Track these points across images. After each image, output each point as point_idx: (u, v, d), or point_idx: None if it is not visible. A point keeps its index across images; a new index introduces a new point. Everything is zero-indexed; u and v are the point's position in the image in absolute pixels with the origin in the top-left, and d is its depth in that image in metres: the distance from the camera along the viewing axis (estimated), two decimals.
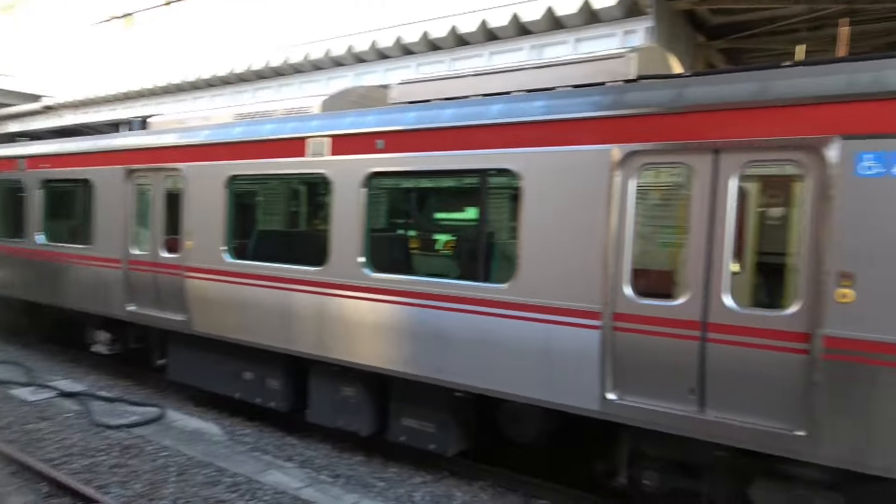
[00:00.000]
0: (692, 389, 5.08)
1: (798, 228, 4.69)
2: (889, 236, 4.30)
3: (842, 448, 4.51)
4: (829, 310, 4.46)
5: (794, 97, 4.64)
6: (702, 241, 5.03)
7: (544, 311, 5.69)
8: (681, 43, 12.02)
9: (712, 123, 4.95)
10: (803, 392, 4.60)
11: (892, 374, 4.32)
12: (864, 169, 4.36)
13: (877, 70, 4.45)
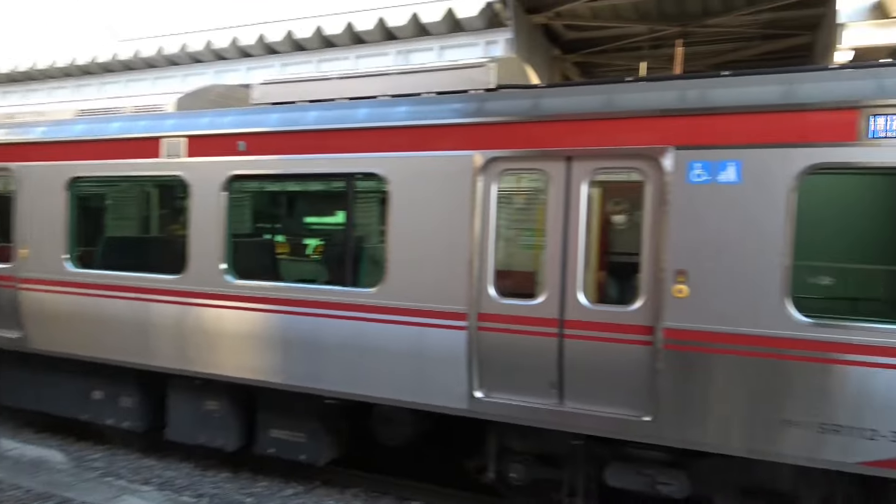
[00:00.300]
0: (552, 383, 5.36)
1: (641, 230, 5.10)
2: (715, 237, 4.80)
3: (682, 429, 4.96)
4: (668, 304, 4.90)
5: (636, 110, 5.05)
6: (558, 242, 5.33)
7: (413, 314, 5.76)
8: (538, 55, 12.67)
9: (565, 132, 5.27)
10: (648, 380, 5.01)
11: (722, 360, 4.82)
12: (694, 176, 4.84)
13: (703, 88, 4.96)
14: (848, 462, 4.55)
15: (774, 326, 4.63)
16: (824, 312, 4.69)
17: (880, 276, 5.94)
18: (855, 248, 5.90)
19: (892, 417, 4.40)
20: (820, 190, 5.12)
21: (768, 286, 4.65)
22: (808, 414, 4.59)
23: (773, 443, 4.71)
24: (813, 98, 4.57)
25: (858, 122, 4.42)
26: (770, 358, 4.67)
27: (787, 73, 4.88)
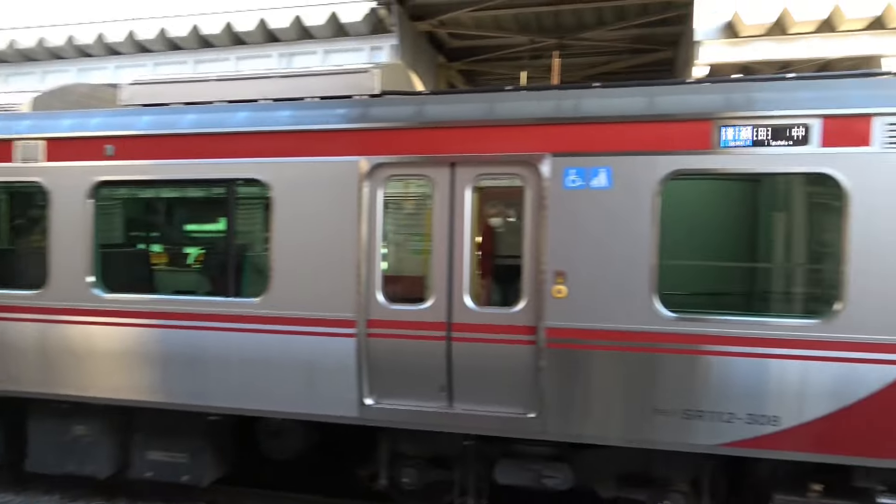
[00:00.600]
0: (442, 386, 5.43)
1: (522, 234, 5.30)
2: (589, 239, 5.07)
3: (565, 423, 5.20)
4: (549, 305, 5.12)
5: (516, 118, 5.24)
6: (444, 247, 5.42)
7: (300, 324, 5.64)
8: (423, 62, 12.83)
9: (449, 139, 5.37)
10: (532, 378, 5.20)
11: (598, 356, 5.10)
12: (569, 182, 5.10)
13: (577, 98, 5.24)
14: (710, 444, 4.94)
15: (644, 322, 4.96)
16: (687, 307, 5.08)
17: (734, 272, 6.53)
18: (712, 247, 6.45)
19: (746, 401, 4.84)
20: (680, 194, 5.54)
21: (638, 284, 4.97)
22: (675, 402, 4.96)
23: (646, 431, 5.03)
24: (673, 110, 4.95)
25: (712, 133, 4.84)
26: (641, 351, 5.00)
27: (650, 86, 5.26)
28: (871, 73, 5.13)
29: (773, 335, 4.80)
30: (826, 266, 5.14)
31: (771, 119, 4.74)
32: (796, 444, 4.78)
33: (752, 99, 4.84)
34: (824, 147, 4.65)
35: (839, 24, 9.63)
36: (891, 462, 4.71)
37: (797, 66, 10.29)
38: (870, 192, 4.57)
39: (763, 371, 4.80)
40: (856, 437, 4.68)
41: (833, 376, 4.68)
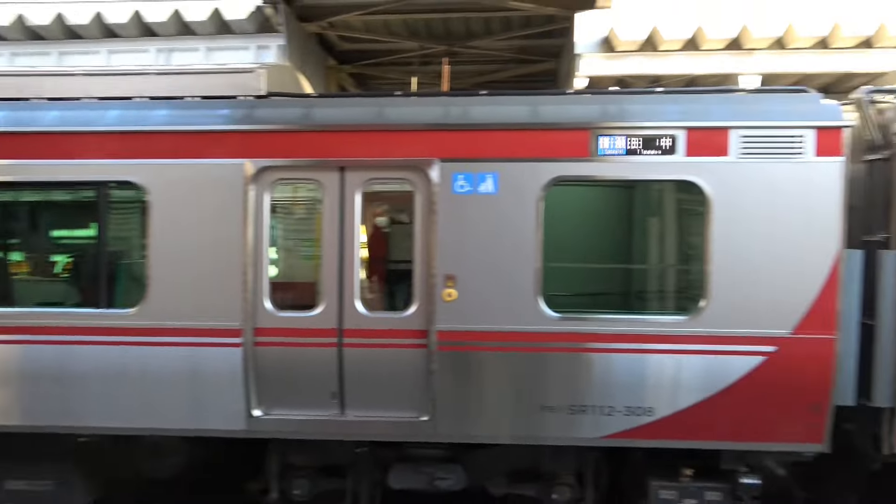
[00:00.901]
0: (334, 394, 5.36)
1: (413, 238, 5.33)
2: (478, 243, 5.19)
3: (456, 425, 5.27)
4: (439, 308, 5.19)
5: (405, 123, 5.28)
6: (334, 252, 5.35)
7: (180, 334, 5.35)
8: (313, 64, 12.59)
9: (338, 143, 5.31)
10: (424, 382, 5.24)
11: (488, 357, 5.22)
12: (458, 187, 5.19)
13: (465, 105, 5.36)
14: (593, 437, 5.20)
15: (530, 322, 5.15)
16: (570, 308, 5.33)
17: (613, 273, 6.93)
18: (592, 250, 6.80)
19: (625, 395, 5.13)
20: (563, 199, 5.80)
21: (524, 286, 5.15)
22: (561, 398, 5.17)
23: (535, 428, 5.22)
24: (555, 119, 5.18)
25: (590, 141, 5.11)
26: (528, 351, 5.18)
27: (534, 96, 5.48)
28: (729, 90, 5.63)
29: (647, 332, 5.13)
30: (693, 266, 5.55)
31: (642, 130, 5.07)
32: (669, 432, 5.14)
33: (626, 111, 5.16)
34: (689, 156, 5.04)
35: (702, 44, 10.46)
36: (751, 445, 5.17)
37: (667, 81, 11.05)
38: (727, 198, 5.00)
39: (639, 366, 5.12)
40: (721, 423, 5.10)
41: (700, 368, 5.07)
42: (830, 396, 4.99)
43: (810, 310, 4.94)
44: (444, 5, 11.37)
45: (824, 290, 4.93)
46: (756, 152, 4.99)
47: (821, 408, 5.00)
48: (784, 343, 4.97)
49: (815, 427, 5.03)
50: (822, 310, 4.93)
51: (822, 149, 4.93)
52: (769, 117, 5.02)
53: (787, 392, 4.99)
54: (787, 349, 4.97)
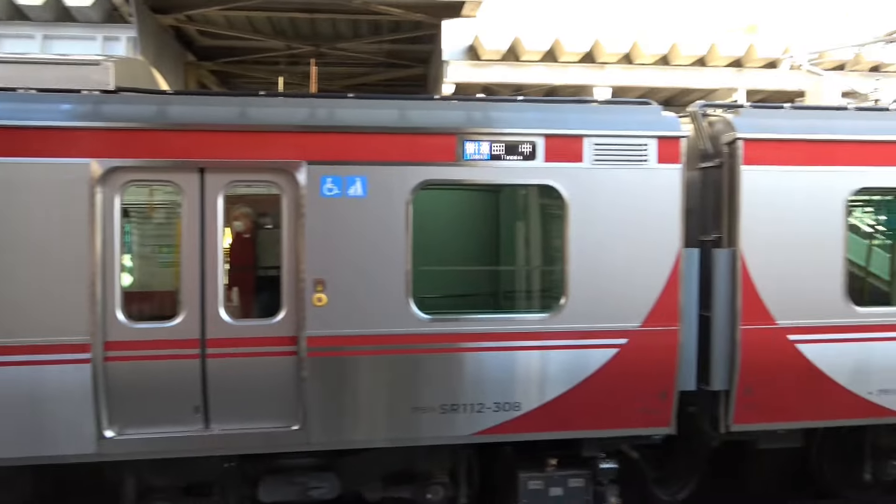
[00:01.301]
0: (197, 408, 5.08)
1: (281, 243, 5.18)
2: (347, 247, 5.15)
3: (329, 432, 5.19)
4: (309, 313, 5.08)
5: (270, 124, 5.11)
6: (195, 258, 5.07)
7: (14, 352, 4.82)
8: (169, 59, 11.87)
9: (197, 143, 5.04)
10: (295, 390, 5.11)
11: (360, 361, 5.19)
12: (326, 190, 5.12)
13: (332, 107, 5.29)
14: (465, 434, 5.33)
15: (401, 325, 5.18)
16: (440, 309, 5.43)
17: (481, 274, 7.16)
18: (462, 252, 6.99)
19: (494, 391, 5.31)
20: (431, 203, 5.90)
21: (394, 289, 5.18)
22: (433, 398, 5.26)
23: (409, 429, 5.25)
24: (422, 123, 5.26)
25: (456, 146, 5.25)
26: (400, 353, 5.21)
27: (402, 100, 5.52)
28: (584, 101, 5.99)
29: (513, 330, 5.35)
30: (554, 267, 5.86)
31: (505, 136, 5.29)
32: (536, 425, 5.39)
33: (490, 117, 5.35)
34: (547, 162, 5.32)
35: (559, 56, 11.11)
36: (609, 432, 5.54)
37: (529, 90, 11.63)
38: (583, 202, 5.34)
39: (506, 363, 5.32)
40: (582, 413, 5.43)
41: (562, 362, 5.37)
42: (675, 383, 5.47)
43: (656, 304, 5.39)
44: (310, 5, 11.16)
45: (668, 285, 5.40)
46: (607, 159, 5.37)
47: (667, 394, 5.47)
48: (634, 335, 5.39)
49: (663, 412, 5.50)
50: (666, 304, 5.40)
51: (663, 156, 5.41)
52: (618, 127, 5.42)
53: (637, 381, 5.42)
54: (636, 341, 5.39)
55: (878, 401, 5.72)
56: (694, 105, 6.07)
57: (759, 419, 5.67)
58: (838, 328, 5.61)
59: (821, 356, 5.60)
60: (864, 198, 6.76)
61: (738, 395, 5.54)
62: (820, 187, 5.60)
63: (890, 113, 6.06)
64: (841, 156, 5.62)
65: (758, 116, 5.75)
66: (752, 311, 5.50)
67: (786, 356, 5.57)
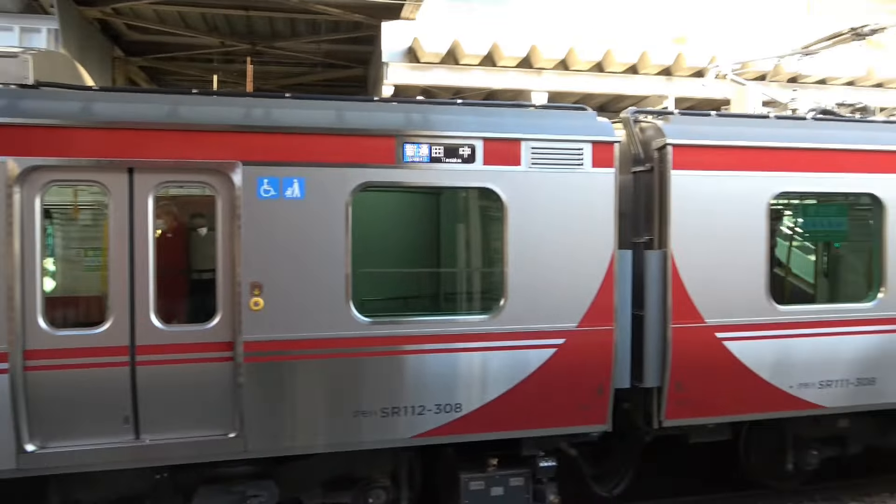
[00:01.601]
0: (126, 418, 4.88)
1: (215, 246, 5.04)
2: (285, 249, 5.06)
3: (267, 439, 5.08)
4: (246, 318, 4.96)
5: (203, 124, 4.96)
6: (124, 261, 4.87)
7: None
8: (95, 53, 11.35)
9: (125, 142, 4.84)
10: (231, 396, 4.98)
11: (299, 366, 5.10)
12: (263, 192, 5.01)
13: (269, 107, 5.18)
14: (406, 437, 5.32)
15: (341, 328, 5.13)
16: (381, 312, 5.40)
17: (422, 276, 7.16)
18: (403, 255, 6.97)
19: (435, 393, 5.32)
20: (371, 205, 5.86)
21: (334, 292, 5.12)
22: (374, 402, 5.22)
23: (350, 434, 5.20)
24: (362, 125, 5.22)
25: (396, 148, 5.24)
26: (340, 357, 5.16)
27: (342, 101, 5.46)
28: (521, 105, 6.09)
29: (454, 331, 5.38)
30: (494, 268, 5.92)
31: (444, 139, 5.32)
32: (477, 426, 5.43)
33: (430, 120, 5.37)
34: (486, 165, 5.38)
35: (498, 60, 11.23)
36: (548, 430, 5.63)
37: (468, 93, 11.70)
38: (521, 205, 5.43)
39: (447, 364, 5.34)
40: (522, 413, 5.50)
41: (502, 363, 5.43)
42: (611, 381, 5.63)
43: (592, 304, 5.53)
44: (246, 2, 10.90)
45: (603, 286, 5.55)
46: (544, 162, 5.47)
47: (603, 391, 5.62)
48: (571, 335, 5.51)
49: (599, 409, 5.64)
50: (601, 304, 5.55)
51: (597, 161, 5.56)
52: (555, 131, 5.53)
53: (575, 379, 5.54)
54: (573, 340, 5.51)
55: (797, 394, 6.05)
56: (626, 111, 6.26)
57: (689, 414, 5.90)
58: (762, 326, 5.91)
59: (746, 353, 5.88)
60: (784, 202, 7.16)
61: (669, 391, 5.75)
62: (744, 191, 5.88)
63: (807, 122, 6.43)
64: (763, 161, 5.92)
65: (686, 123, 5.98)
66: (683, 310, 5.72)
67: (714, 353, 5.82)
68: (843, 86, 12.61)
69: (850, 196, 6.59)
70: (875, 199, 6.23)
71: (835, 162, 6.09)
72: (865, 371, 6.17)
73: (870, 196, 6.25)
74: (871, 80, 12.83)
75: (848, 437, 6.78)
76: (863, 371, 6.17)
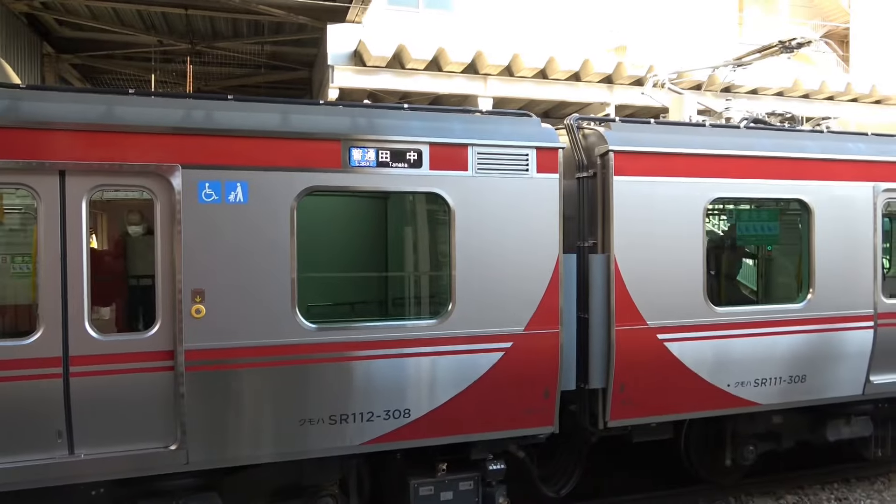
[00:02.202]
0: (60, 432, 4.65)
1: (155, 251, 4.86)
2: (228, 255, 4.93)
3: (210, 450, 4.93)
4: (187, 326, 4.81)
5: (140, 125, 4.78)
6: (55, 268, 4.65)
7: None
8: (21, 49, 10.82)
9: (56, 144, 4.63)
10: (172, 407, 4.82)
11: (244, 374, 4.98)
12: (204, 196, 4.87)
13: (210, 109, 5.04)
14: (355, 444, 5.26)
15: (287, 335, 5.03)
16: (327, 317, 5.32)
17: (369, 281, 7.11)
18: (350, 260, 6.90)
19: (383, 399, 5.28)
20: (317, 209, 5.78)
21: (279, 299, 5.02)
22: (322, 409, 5.14)
23: (297, 442, 5.11)
24: (307, 129, 5.14)
25: (342, 152, 5.18)
26: (286, 365, 5.05)
27: (286, 104, 5.37)
28: (467, 110, 6.13)
29: (403, 337, 5.35)
30: (442, 273, 5.94)
31: (391, 143, 5.29)
32: (426, 431, 5.42)
33: (376, 124, 5.34)
34: (433, 170, 5.39)
35: (444, 65, 11.30)
36: (497, 434, 5.67)
37: (414, 98, 11.72)
38: (467, 209, 5.46)
39: (396, 370, 5.31)
40: (471, 417, 5.52)
41: (450, 367, 5.44)
42: (557, 383, 5.71)
43: (538, 307, 5.61)
44: (185, 1, 10.59)
45: (548, 289, 5.64)
46: (490, 168, 5.52)
47: (550, 394, 5.70)
48: (518, 339, 5.57)
49: (546, 412, 5.72)
50: (547, 307, 5.63)
51: (541, 166, 5.65)
52: (500, 137, 5.59)
53: (522, 382, 5.60)
54: (520, 344, 5.57)
55: (735, 392, 6.29)
56: (569, 118, 6.39)
57: (633, 414, 6.05)
58: (700, 327, 6.12)
59: (686, 353, 6.08)
60: (720, 207, 7.44)
61: (613, 392, 5.88)
62: (682, 197, 6.08)
63: (740, 130, 6.71)
64: (700, 168, 6.14)
65: (627, 130, 6.15)
66: (625, 313, 5.87)
67: (656, 354, 5.99)
68: (773, 96, 13.27)
69: (780, 202, 6.91)
70: (803, 205, 6.55)
71: (767, 169, 6.38)
72: (797, 369, 6.47)
73: (798, 202, 6.57)
74: (798, 91, 13.55)
75: (782, 433, 7.09)
76: (794, 369, 6.46)
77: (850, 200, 6.66)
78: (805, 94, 13.68)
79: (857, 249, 6.68)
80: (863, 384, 6.75)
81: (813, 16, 16.98)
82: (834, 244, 6.57)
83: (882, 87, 14.17)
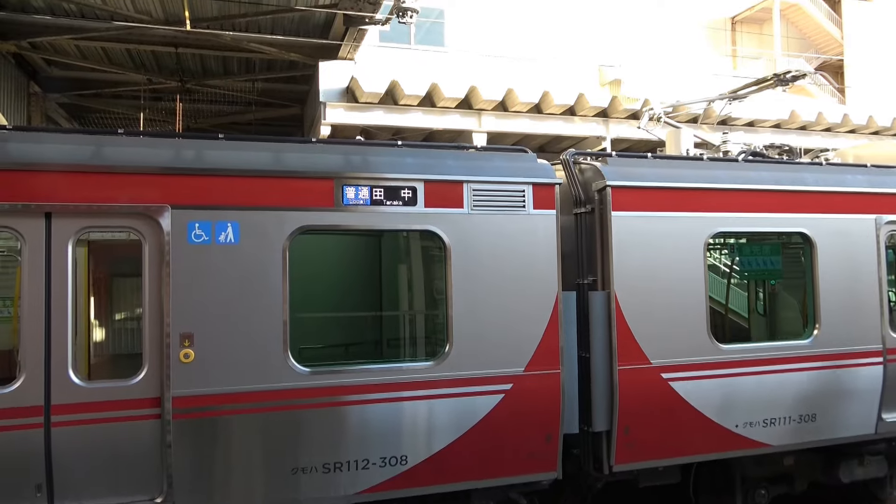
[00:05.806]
0: (39, 486, 4.42)
1: (142, 294, 4.70)
2: (218, 297, 4.77)
3: (197, 501, 4.68)
4: (175, 371, 4.62)
5: (128, 165, 4.66)
6: (39, 313, 4.47)
7: None
8: (9, 90, 10.75)
9: (42, 185, 4.50)
10: (158, 457, 4.60)
11: (234, 420, 4.77)
12: (194, 237, 4.72)
13: (201, 148, 4.93)
14: (349, 494, 5.02)
15: (279, 379, 4.83)
16: (321, 360, 5.13)
17: (364, 322, 6.93)
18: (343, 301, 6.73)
19: (379, 445, 5.06)
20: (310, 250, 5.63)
21: (271, 342, 4.84)
22: (315, 457, 4.92)
23: (289, 491, 4.87)
24: (298, 167, 5.03)
25: (335, 191, 5.06)
26: (278, 410, 4.85)
27: (277, 143, 5.27)
28: (462, 147, 6.04)
29: (398, 379, 5.15)
30: (438, 313, 5.78)
31: (385, 181, 5.18)
32: (424, 478, 5.18)
33: (370, 161, 5.23)
34: (427, 207, 5.27)
35: (437, 101, 11.31)
36: (498, 480, 5.43)
37: (408, 134, 11.70)
38: (464, 248, 5.32)
39: (392, 414, 5.10)
40: (470, 462, 5.29)
41: (448, 411, 5.23)
42: (560, 426, 5.50)
43: (538, 347, 5.43)
44: (174, 39, 10.57)
45: (548, 328, 5.47)
46: (486, 205, 5.41)
47: (552, 438, 5.48)
48: (518, 380, 5.37)
49: (549, 456, 5.49)
50: (547, 347, 5.45)
51: (538, 202, 5.53)
52: (496, 173, 5.49)
53: (523, 426, 5.39)
54: (520, 385, 5.37)
55: (743, 433, 6.07)
56: (565, 153, 6.31)
57: (638, 457, 5.82)
58: (705, 365, 5.94)
59: (691, 393, 5.89)
60: (721, 241, 7.34)
61: (618, 434, 5.67)
62: (682, 231, 5.97)
63: (739, 164, 6.65)
64: (700, 202, 6.05)
65: (624, 165, 6.06)
66: (628, 352, 5.69)
67: (660, 394, 5.79)
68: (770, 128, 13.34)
69: (782, 235, 6.82)
70: (805, 238, 6.46)
71: (768, 202, 6.29)
72: (806, 408, 6.28)
73: (801, 235, 6.48)
74: (796, 122, 13.64)
75: (794, 475, 6.84)
76: (804, 408, 6.27)
77: (852, 233, 6.57)
78: (802, 126, 13.75)
79: (862, 283, 6.57)
80: (875, 423, 6.56)
81: (806, 48, 17.27)
82: (838, 277, 6.45)
83: (879, 118, 14.24)
